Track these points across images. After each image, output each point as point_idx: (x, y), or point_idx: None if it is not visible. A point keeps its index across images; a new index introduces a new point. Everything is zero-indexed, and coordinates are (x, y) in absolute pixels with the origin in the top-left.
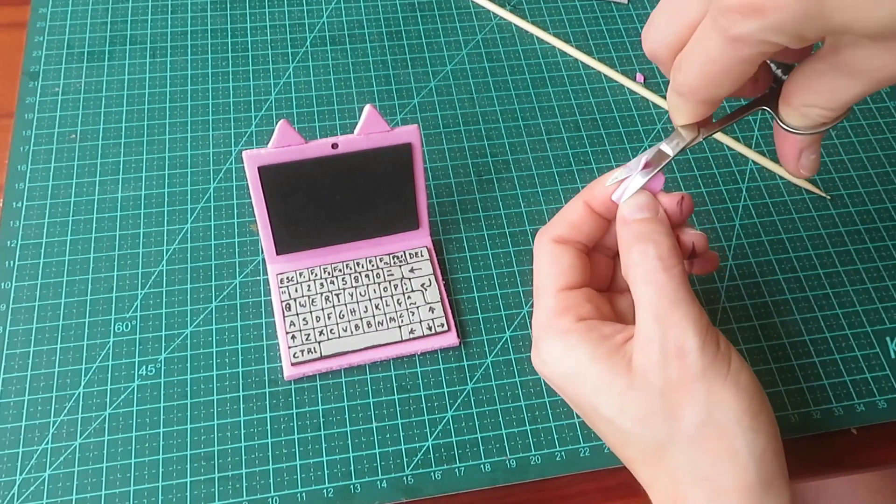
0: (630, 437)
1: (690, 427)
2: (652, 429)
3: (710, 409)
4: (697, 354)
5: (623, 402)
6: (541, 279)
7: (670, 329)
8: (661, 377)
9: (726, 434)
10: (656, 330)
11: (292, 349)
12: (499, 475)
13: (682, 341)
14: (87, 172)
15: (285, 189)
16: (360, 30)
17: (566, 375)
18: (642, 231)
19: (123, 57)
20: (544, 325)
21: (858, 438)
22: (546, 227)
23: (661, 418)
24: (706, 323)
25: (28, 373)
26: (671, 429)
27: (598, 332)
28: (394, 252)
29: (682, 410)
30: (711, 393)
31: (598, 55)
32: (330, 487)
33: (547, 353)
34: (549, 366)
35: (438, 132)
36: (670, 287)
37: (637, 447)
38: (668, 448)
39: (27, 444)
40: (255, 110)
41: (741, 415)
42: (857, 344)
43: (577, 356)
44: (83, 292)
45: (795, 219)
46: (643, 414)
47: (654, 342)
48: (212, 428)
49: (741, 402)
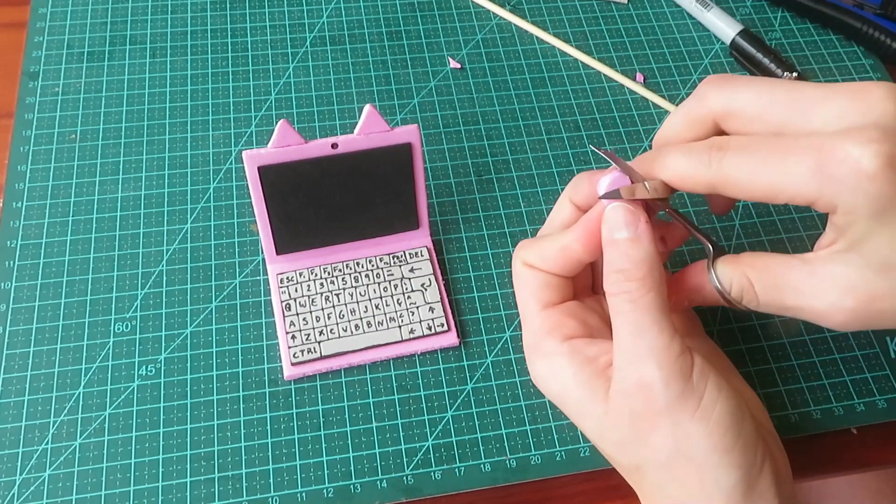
0: (611, 458)
1: (661, 455)
2: (627, 454)
3: (676, 442)
4: (661, 388)
5: (601, 426)
6: (521, 301)
7: (635, 362)
8: (629, 408)
9: (695, 466)
10: (622, 360)
11: (292, 349)
12: (499, 475)
13: (646, 375)
14: (87, 172)
15: (285, 189)
16: (359, 30)
17: (554, 395)
18: (617, 255)
19: (123, 57)
20: (531, 347)
21: (858, 438)
22: (520, 248)
23: (634, 445)
24: (675, 354)
25: (28, 373)
26: (642, 455)
27: (582, 355)
28: (394, 252)
29: (650, 440)
30: (677, 427)
31: (598, 55)
32: (330, 487)
33: (536, 373)
34: (539, 384)
35: (438, 132)
36: (636, 317)
37: (618, 466)
38: (643, 471)
39: (27, 444)
40: (255, 110)
41: (709, 451)
42: (857, 344)
43: (561, 379)
44: (83, 292)
45: (795, 219)
46: (618, 438)
47: (622, 374)
48: (212, 428)
49: (710, 437)
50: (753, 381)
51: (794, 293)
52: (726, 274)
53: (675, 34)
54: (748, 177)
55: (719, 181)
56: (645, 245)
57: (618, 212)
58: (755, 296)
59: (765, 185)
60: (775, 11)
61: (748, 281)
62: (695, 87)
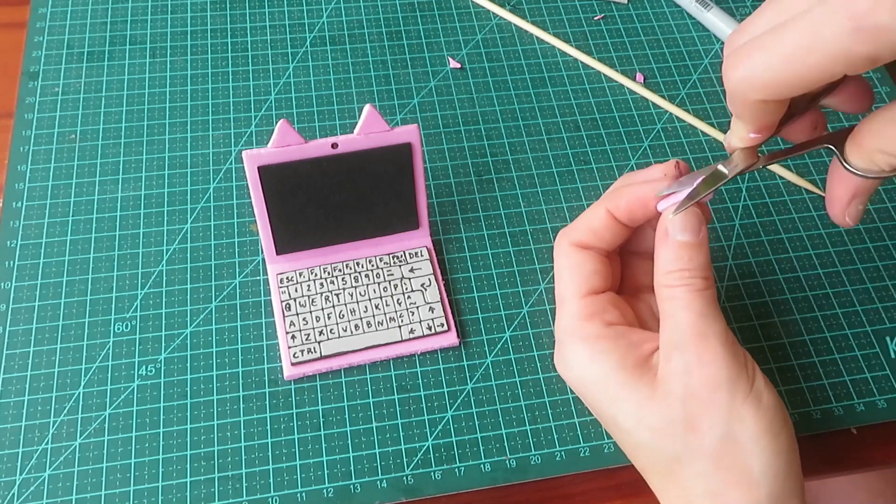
0: (645, 449)
1: (708, 440)
2: (668, 441)
3: (729, 423)
4: (722, 365)
5: (642, 411)
6: (563, 284)
7: (697, 340)
8: (684, 386)
9: (742, 451)
10: (683, 340)
11: (292, 349)
12: (499, 475)
13: (708, 352)
14: (86, 172)
15: (285, 189)
16: (359, 30)
17: (590, 381)
18: (682, 254)
19: (123, 57)
20: (570, 330)
21: (858, 438)
22: (567, 231)
23: (679, 428)
24: (732, 339)
25: (28, 373)
26: (687, 441)
27: (627, 340)
28: (394, 252)
29: (700, 422)
30: (732, 407)
31: (598, 55)
32: (330, 487)
33: (572, 358)
34: (572, 371)
35: (438, 132)
36: (701, 304)
37: (651, 458)
38: (682, 461)
39: (27, 444)
40: (255, 110)
41: (760, 433)
42: (856, 344)
43: (603, 363)
44: (83, 292)
45: (795, 219)
46: (662, 424)
47: (680, 352)
48: (212, 428)
49: (761, 420)
50: None
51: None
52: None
53: (675, 34)
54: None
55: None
56: (706, 250)
57: (687, 216)
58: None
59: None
60: None
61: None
62: (694, 88)
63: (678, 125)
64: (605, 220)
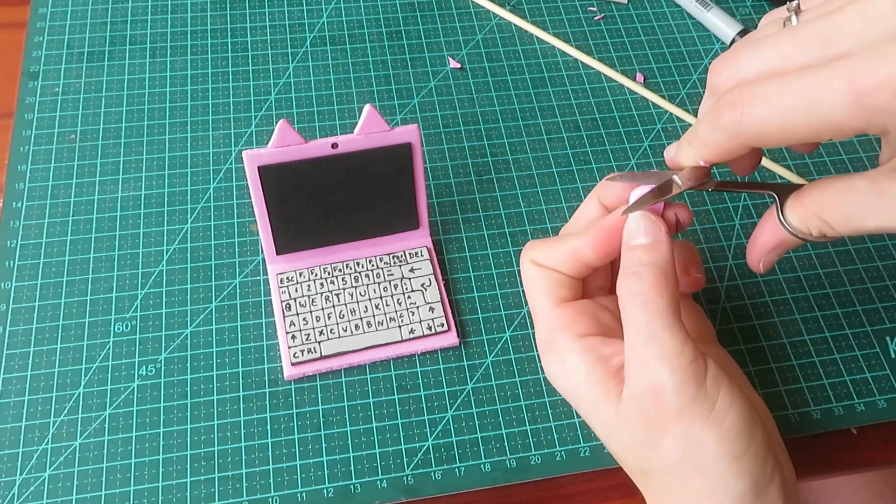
0: (619, 459)
1: (669, 460)
2: (636, 458)
3: (686, 448)
4: (673, 393)
5: (611, 428)
6: (532, 298)
7: (646, 366)
8: (640, 412)
9: (704, 473)
10: (634, 364)
11: (292, 349)
12: (499, 475)
13: (657, 379)
14: (87, 172)
15: (285, 189)
16: (359, 30)
17: (566, 393)
18: (632, 259)
19: (123, 57)
20: (544, 344)
21: (858, 438)
22: (528, 248)
23: (643, 448)
24: (688, 359)
25: (28, 373)
26: (652, 460)
27: (595, 353)
28: (394, 252)
29: (661, 444)
30: (688, 433)
31: (598, 55)
32: (330, 487)
33: (549, 371)
34: (553, 381)
35: (438, 132)
36: (648, 321)
37: (626, 467)
38: (651, 475)
39: (27, 444)
40: (255, 110)
41: (720, 458)
42: (857, 344)
43: (574, 378)
44: (83, 292)
45: None
46: (628, 443)
47: (632, 377)
48: (212, 428)
49: (721, 444)
50: (754, 381)
51: (869, 217)
52: (799, 221)
53: (675, 34)
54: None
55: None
56: (661, 250)
57: (639, 221)
58: (835, 231)
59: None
60: None
61: (822, 221)
62: (694, 87)
63: (678, 125)
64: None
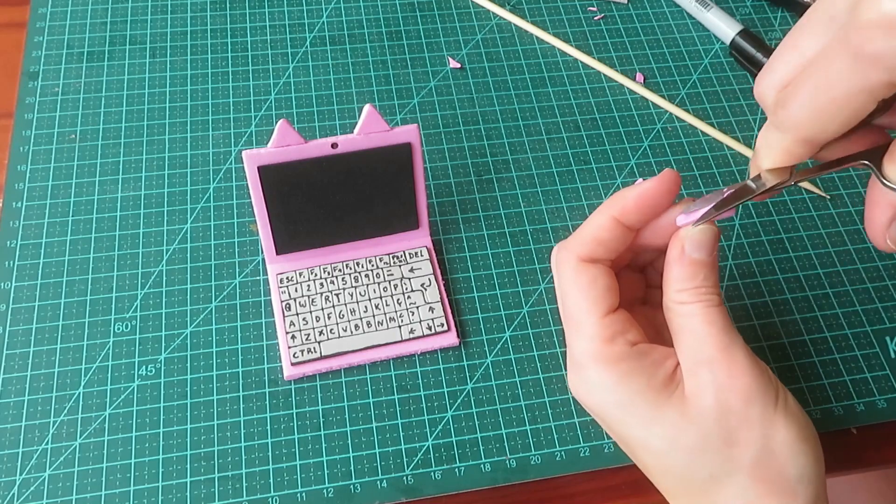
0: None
1: (746, 453)
2: (706, 459)
3: (766, 434)
4: (751, 377)
5: (677, 431)
6: (575, 303)
7: (723, 355)
8: (717, 402)
9: (778, 460)
10: (709, 355)
11: (292, 349)
12: (499, 475)
13: (736, 366)
14: (86, 172)
15: (285, 189)
16: (359, 30)
17: (617, 404)
18: (696, 271)
19: (123, 57)
20: (591, 354)
21: (858, 438)
22: (569, 245)
23: (717, 444)
24: (753, 352)
25: (28, 373)
26: (727, 457)
27: (650, 359)
28: (394, 252)
29: (738, 435)
30: (766, 417)
31: (597, 55)
32: (330, 487)
33: (596, 382)
34: (596, 395)
35: (438, 132)
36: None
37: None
38: (719, 478)
39: (27, 444)
40: (255, 110)
41: (794, 440)
42: (856, 343)
43: (631, 385)
44: (83, 292)
45: (795, 218)
46: (699, 442)
47: (708, 367)
48: (212, 428)
49: (792, 427)
50: None
51: None
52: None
53: (675, 34)
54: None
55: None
56: (717, 268)
57: (705, 234)
58: None
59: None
60: (775, 11)
61: None
62: (694, 87)
63: (678, 125)
64: (610, 227)
